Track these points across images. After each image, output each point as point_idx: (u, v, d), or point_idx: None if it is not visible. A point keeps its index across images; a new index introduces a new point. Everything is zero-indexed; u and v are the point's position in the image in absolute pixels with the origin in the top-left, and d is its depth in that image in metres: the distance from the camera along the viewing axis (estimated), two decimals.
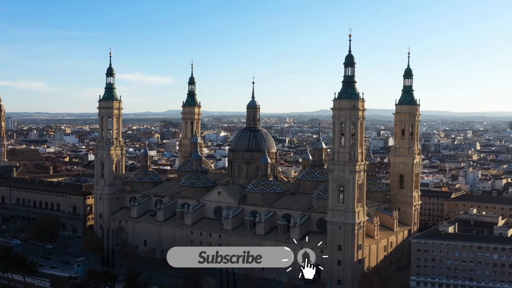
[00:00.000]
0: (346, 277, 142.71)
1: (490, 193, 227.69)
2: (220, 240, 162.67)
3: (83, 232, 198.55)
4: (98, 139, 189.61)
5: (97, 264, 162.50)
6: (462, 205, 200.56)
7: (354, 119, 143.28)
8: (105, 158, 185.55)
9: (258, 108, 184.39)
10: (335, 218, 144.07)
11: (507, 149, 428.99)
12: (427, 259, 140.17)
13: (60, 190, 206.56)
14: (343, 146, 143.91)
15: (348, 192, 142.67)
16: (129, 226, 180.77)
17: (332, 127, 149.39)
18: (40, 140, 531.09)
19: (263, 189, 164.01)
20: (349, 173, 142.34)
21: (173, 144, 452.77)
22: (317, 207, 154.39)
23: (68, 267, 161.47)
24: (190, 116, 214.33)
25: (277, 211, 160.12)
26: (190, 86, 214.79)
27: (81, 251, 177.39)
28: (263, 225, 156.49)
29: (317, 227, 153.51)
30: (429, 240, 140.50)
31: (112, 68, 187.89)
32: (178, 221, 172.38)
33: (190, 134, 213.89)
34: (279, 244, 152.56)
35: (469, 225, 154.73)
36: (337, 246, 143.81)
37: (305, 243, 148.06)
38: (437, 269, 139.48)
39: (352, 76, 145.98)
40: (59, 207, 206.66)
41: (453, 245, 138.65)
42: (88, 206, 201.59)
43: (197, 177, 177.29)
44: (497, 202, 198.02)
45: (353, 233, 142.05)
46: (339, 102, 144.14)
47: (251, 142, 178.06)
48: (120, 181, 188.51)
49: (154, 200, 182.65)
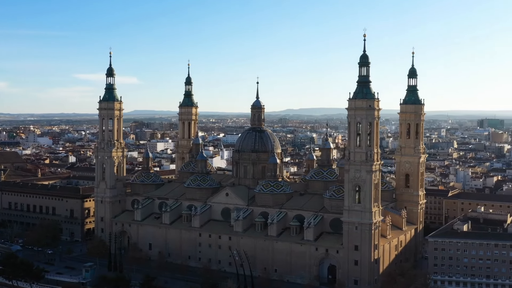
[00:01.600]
0: (363, 277, 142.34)
1: (483, 191, 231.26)
2: (231, 242, 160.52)
3: (81, 236, 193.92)
4: (98, 140, 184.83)
5: (104, 269, 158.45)
6: (461, 203, 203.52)
7: (371, 119, 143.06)
8: (106, 160, 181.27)
9: (262, 108, 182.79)
10: (351, 218, 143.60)
11: (484, 147, 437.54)
12: (444, 257, 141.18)
13: (56, 193, 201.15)
14: (359, 146, 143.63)
15: (365, 192, 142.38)
16: (133, 229, 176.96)
17: (348, 127, 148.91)
18: (12, 142, 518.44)
19: (273, 190, 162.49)
20: (365, 173, 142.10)
21: (153, 145, 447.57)
22: (330, 207, 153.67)
23: (75, 273, 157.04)
24: (187, 117, 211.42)
25: (288, 212, 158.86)
26: (186, 87, 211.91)
27: (86, 256, 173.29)
28: (276, 226, 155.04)
29: (330, 228, 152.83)
30: (446, 239, 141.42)
31: (112, 68, 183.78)
32: (184, 223, 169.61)
33: (187, 135, 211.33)
34: (293, 245, 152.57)
35: (479, 223, 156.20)
36: (353, 246, 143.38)
37: (320, 243, 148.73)
38: (454, 268, 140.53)
39: (367, 76, 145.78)
40: (54, 211, 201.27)
41: (469, 244, 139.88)
42: (86, 210, 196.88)
43: (202, 179, 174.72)
44: (494, 199, 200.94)
45: (370, 233, 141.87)
46: (355, 102, 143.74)
47: (257, 143, 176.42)
48: (121, 183, 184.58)
49: (157, 202, 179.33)
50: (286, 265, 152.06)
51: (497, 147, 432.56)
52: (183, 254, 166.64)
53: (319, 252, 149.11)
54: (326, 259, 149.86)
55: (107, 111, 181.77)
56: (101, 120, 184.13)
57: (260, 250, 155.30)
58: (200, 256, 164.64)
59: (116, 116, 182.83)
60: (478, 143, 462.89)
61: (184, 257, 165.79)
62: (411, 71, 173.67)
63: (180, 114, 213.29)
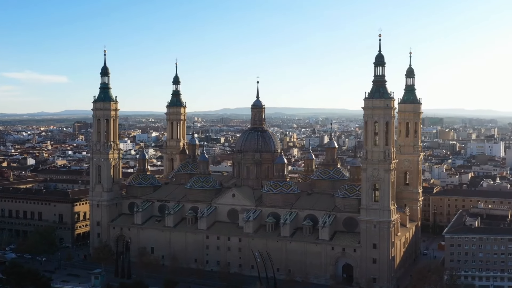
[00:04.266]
0: (381, 275, 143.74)
1: (460, 187, 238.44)
2: (241, 244, 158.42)
3: (72, 242, 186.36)
4: (93, 142, 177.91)
5: (110, 276, 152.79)
6: (447, 200, 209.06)
7: (388, 118, 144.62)
8: (102, 162, 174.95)
9: (263, 108, 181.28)
10: (369, 217, 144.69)
11: (439, 144, 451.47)
12: (460, 253, 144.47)
13: (43, 198, 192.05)
14: (377, 145, 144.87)
15: (383, 191, 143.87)
16: (133, 233, 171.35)
17: (364, 126, 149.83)
18: None
19: (283, 190, 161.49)
20: (383, 171, 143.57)
21: None
22: (343, 206, 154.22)
23: (80, 280, 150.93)
24: (176, 117, 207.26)
25: (299, 212, 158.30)
26: (174, 86, 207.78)
27: (85, 262, 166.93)
28: (289, 226, 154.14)
29: (343, 227, 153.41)
30: (462, 235, 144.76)
31: (107, 67, 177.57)
32: (189, 226, 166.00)
33: (177, 135, 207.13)
34: (308, 245, 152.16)
35: (482, 218, 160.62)
36: (371, 244, 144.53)
37: (337, 242, 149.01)
38: (469, 263, 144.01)
39: (383, 76, 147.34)
40: (41, 216, 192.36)
41: (484, 239, 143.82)
42: (76, 214, 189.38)
43: (205, 180, 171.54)
44: (478, 195, 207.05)
45: (389, 231, 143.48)
46: (372, 102, 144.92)
47: (260, 143, 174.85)
48: (118, 186, 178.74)
49: (157, 205, 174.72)
50: (301, 266, 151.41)
51: (451, 144, 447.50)
52: (188, 257, 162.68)
53: (335, 251, 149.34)
54: (341, 258, 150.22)
55: (103, 111, 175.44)
56: (96, 121, 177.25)
57: (272, 251, 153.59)
58: (207, 259, 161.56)
59: (112, 116, 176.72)
60: (433, 141, 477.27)
61: (190, 260, 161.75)
62: (408, 71, 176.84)
63: (168, 114, 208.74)
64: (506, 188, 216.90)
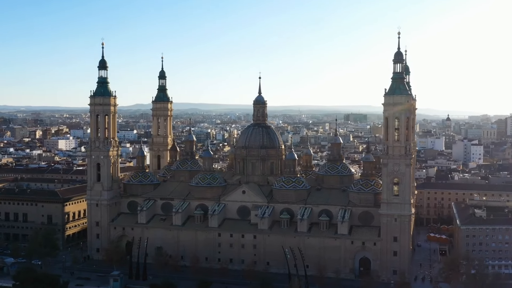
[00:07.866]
0: (402, 267, 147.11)
1: (429, 180, 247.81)
2: (256, 241, 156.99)
3: (62, 244, 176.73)
4: (91, 139, 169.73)
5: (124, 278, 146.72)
6: (427, 192, 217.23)
7: (408, 114, 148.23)
8: (102, 160, 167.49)
9: (265, 104, 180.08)
10: (390, 210, 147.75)
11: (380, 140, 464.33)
12: (475, 243, 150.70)
13: (30, 199, 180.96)
14: (397, 140, 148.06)
15: (404, 185, 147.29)
16: (136, 233, 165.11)
17: (384, 121, 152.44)
18: None
19: (296, 186, 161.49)
20: (404, 166, 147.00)
21: (53, 142, 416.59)
22: (358, 201, 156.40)
23: (95, 284, 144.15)
24: (162, 113, 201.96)
25: (313, 207, 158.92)
26: (160, 81, 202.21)
27: (89, 265, 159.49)
28: (306, 222, 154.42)
29: (358, 221, 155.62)
30: (476, 226, 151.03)
31: (105, 61, 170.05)
32: (198, 224, 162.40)
33: (163, 131, 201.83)
34: (326, 240, 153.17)
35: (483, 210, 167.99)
36: (392, 238, 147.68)
37: (356, 236, 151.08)
38: (483, 252, 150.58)
39: (402, 73, 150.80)
40: (26, 218, 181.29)
41: (497, 229, 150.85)
42: (66, 214, 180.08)
43: (212, 177, 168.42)
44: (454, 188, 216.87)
45: (409, 224, 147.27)
46: (393, 98, 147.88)
47: (265, 139, 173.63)
48: (117, 184, 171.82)
49: (160, 203, 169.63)
50: (319, 261, 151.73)
51: None
52: (199, 256, 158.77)
53: (355, 246, 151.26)
54: (359, 252, 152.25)
55: (102, 106, 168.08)
56: (94, 117, 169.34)
57: (288, 248, 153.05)
58: (219, 257, 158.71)
59: (112, 112, 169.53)
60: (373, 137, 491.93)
61: (200, 259, 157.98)
62: (404, 69, 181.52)
63: (154, 110, 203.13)
64: (478, 181, 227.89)
